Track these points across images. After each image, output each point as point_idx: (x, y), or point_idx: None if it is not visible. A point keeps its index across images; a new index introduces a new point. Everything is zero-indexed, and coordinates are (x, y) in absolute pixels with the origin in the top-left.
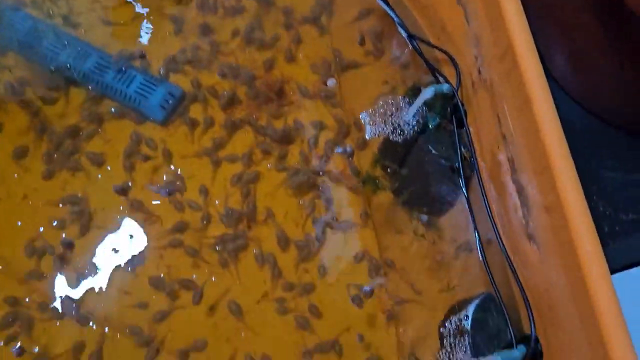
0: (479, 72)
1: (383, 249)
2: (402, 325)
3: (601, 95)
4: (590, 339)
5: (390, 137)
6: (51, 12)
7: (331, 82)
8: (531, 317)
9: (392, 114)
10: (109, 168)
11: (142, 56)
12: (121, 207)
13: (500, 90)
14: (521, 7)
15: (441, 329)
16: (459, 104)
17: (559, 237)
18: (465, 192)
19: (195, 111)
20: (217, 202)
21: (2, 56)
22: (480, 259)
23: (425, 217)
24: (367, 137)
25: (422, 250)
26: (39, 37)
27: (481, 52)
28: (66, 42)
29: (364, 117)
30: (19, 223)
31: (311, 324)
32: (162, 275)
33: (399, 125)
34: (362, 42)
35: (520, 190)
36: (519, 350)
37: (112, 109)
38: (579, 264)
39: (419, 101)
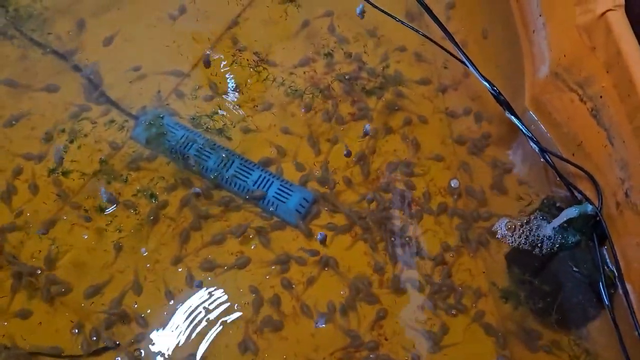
0: (626, 195)
1: None
2: None
3: None
4: None
5: (530, 250)
6: (209, 127)
7: (455, 183)
8: None
9: (529, 228)
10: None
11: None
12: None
13: None
14: None
15: None
16: (603, 223)
17: None
18: (610, 311)
19: (325, 217)
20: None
21: (159, 163)
22: None
23: (570, 336)
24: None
25: None
26: (190, 145)
27: (629, 177)
28: (213, 150)
29: (498, 229)
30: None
31: None
32: None
33: (536, 239)
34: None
35: None
36: None
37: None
38: None
39: (561, 219)
